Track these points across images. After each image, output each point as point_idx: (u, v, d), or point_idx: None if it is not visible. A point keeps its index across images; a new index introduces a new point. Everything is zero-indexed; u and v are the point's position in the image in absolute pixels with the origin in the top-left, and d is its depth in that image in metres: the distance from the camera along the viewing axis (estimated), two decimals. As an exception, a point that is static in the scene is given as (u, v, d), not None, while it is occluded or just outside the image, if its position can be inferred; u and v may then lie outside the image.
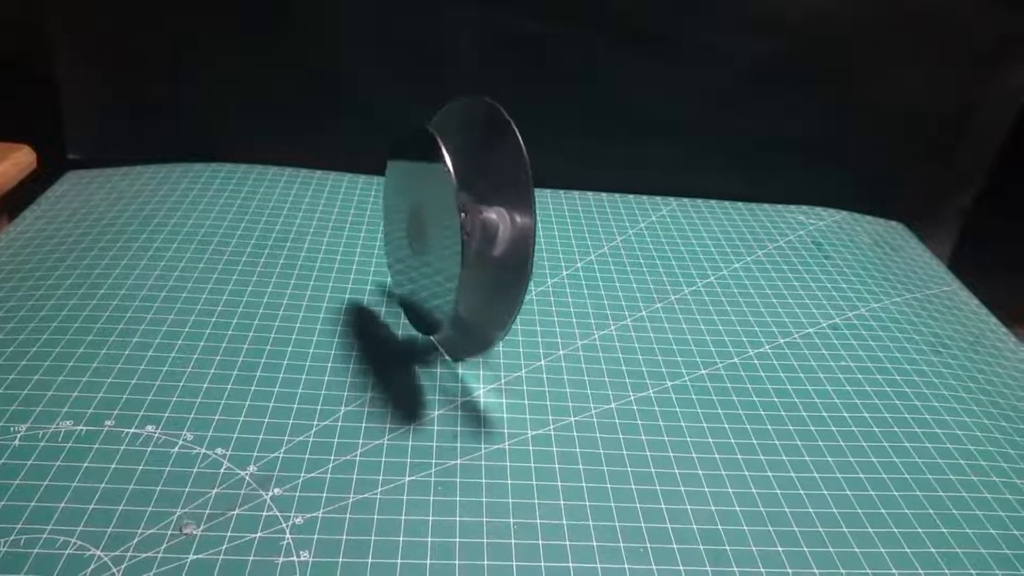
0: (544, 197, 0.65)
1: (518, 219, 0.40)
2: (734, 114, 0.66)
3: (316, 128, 0.67)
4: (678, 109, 0.66)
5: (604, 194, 0.66)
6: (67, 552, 0.32)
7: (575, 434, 0.41)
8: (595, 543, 0.35)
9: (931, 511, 0.39)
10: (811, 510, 0.38)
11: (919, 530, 0.37)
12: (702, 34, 0.63)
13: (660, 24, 0.63)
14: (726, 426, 0.43)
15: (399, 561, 0.33)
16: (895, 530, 0.37)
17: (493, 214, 0.41)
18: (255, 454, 0.38)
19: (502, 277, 0.41)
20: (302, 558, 0.33)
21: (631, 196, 0.67)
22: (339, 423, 0.40)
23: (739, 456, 0.41)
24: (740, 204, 0.67)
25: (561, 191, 0.66)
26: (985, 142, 0.69)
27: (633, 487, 0.38)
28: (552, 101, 0.65)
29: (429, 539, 0.34)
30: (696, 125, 0.67)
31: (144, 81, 0.66)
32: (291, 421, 0.40)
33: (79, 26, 0.64)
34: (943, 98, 0.66)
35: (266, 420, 0.40)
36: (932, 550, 0.37)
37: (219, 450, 0.38)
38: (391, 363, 0.45)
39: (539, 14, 0.62)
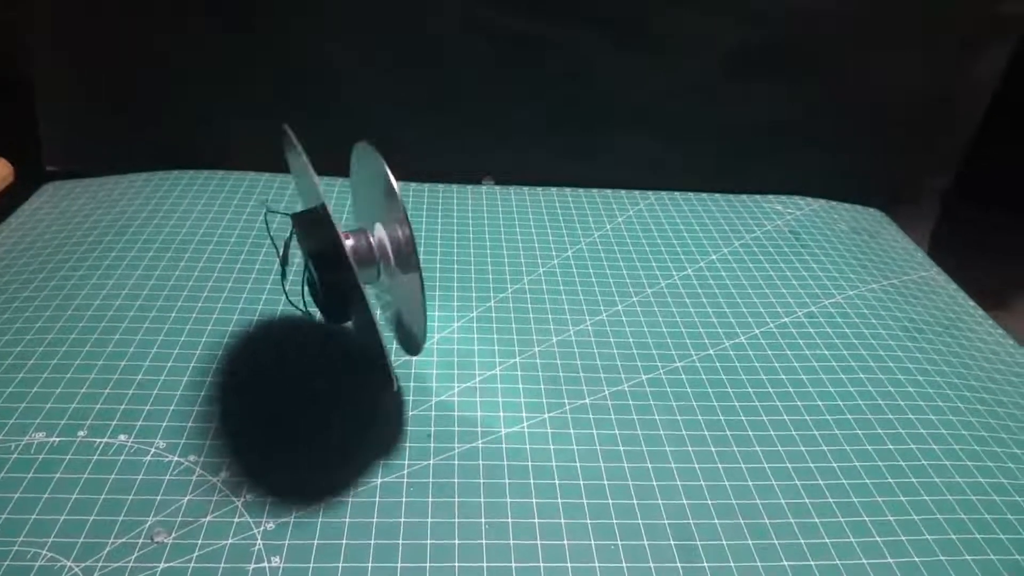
0: (521, 194, 0.65)
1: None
2: (710, 106, 0.66)
3: (298, 134, 0.67)
4: (653, 102, 0.66)
5: (582, 190, 0.66)
6: (38, 564, 0.32)
7: (548, 431, 0.41)
8: (566, 541, 0.35)
9: (903, 498, 0.39)
10: (783, 501, 0.38)
11: (890, 518, 0.38)
12: (677, 25, 0.63)
13: (635, 15, 0.63)
14: (700, 418, 0.43)
15: (370, 565, 0.33)
16: (866, 518, 0.37)
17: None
18: (227, 460, 0.38)
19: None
20: (273, 564, 0.33)
21: (608, 191, 0.67)
22: (311, 426, 0.40)
23: (712, 448, 0.41)
24: (718, 196, 0.67)
25: (539, 188, 0.66)
26: (961, 128, 0.69)
27: (605, 483, 0.38)
28: (537, 99, 0.65)
29: (400, 542, 0.34)
30: (671, 118, 0.67)
31: (120, 92, 0.65)
32: (263, 427, 0.40)
33: (56, 40, 0.63)
34: (918, 84, 0.66)
35: (238, 427, 0.40)
36: (903, 538, 0.37)
37: (191, 457, 0.38)
38: (363, 366, 0.45)
39: (524, 12, 0.62)
